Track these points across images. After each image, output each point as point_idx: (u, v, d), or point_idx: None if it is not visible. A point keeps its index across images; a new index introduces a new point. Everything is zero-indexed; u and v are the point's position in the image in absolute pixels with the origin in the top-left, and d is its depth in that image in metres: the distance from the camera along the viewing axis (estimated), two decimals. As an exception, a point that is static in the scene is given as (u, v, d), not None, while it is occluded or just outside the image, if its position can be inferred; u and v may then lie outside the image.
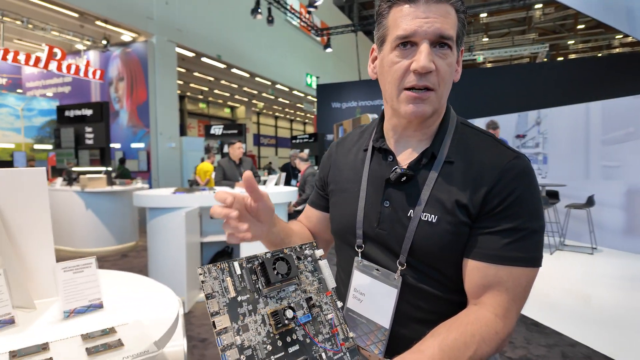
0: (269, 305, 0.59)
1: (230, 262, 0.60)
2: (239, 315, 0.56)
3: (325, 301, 0.66)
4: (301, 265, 0.67)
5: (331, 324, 0.64)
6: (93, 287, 1.02)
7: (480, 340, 0.65)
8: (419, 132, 0.80)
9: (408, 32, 0.68)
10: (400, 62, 0.71)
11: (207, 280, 0.57)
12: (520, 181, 0.71)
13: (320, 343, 0.60)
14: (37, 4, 8.83)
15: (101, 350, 0.80)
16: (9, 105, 12.24)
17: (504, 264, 0.69)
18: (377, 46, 0.79)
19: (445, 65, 0.72)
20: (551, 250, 5.44)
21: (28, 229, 0.99)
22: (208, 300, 0.55)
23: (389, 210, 0.78)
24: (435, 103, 0.74)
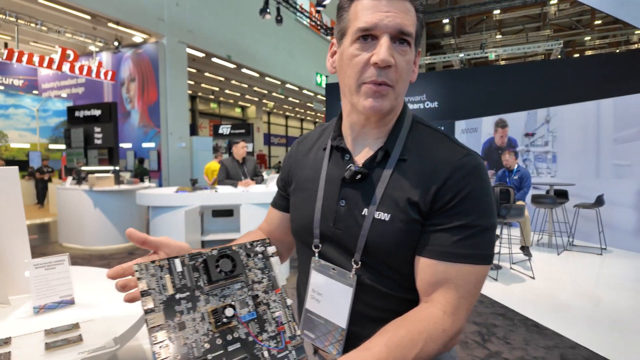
0: (211, 303, 0.59)
1: (171, 259, 0.60)
2: (176, 312, 0.56)
3: (273, 299, 0.65)
4: (250, 262, 0.66)
5: (278, 321, 0.63)
6: (65, 284, 1.04)
7: (427, 337, 0.64)
8: (376, 130, 0.79)
9: (369, 25, 0.68)
10: (361, 55, 0.70)
11: (144, 277, 0.57)
12: (471, 178, 0.70)
13: (263, 341, 0.60)
14: (51, 6, 9.04)
15: (59, 345, 0.81)
16: (25, 106, 12.58)
17: (453, 262, 0.68)
18: (336, 40, 0.78)
19: (404, 62, 0.71)
20: (558, 251, 5.34)
21: (2, 226, 1.02)
22: (143, 298, 0.55)
23: (345, 209, 0.78)
24: (393, 100, 0.73)
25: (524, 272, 4.43)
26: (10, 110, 12.22)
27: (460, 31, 24.58)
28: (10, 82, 13.31)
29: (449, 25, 24.61)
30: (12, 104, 12.27)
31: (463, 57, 15.96)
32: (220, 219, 4.15)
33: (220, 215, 4.16)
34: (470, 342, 2.82)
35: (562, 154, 6.44)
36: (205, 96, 21.89)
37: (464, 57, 16.11)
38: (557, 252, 5.29)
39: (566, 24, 22.42)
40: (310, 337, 0.83)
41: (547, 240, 5.80)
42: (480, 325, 3.11)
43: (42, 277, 1.01)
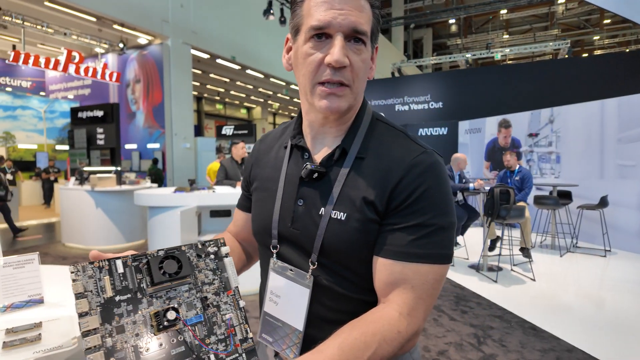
0: (154, 305, 0.57)
1: (112, 260, 0.58)
2: (115, 315, 0.54)
3: (225, 301, 0.63)
4: (201, 263, 0.64)
5: (227, 324, 0.62)
6: (34, 283, 1.04)
7: (381, 339, 0.62)
8: (335, 129, 0.78)
9: (322, 23, 0.66)
10: (315, 55, 0.69)
11: (79, 279, 0.54)
12: (427, 177, 0.69)
13: (209, 345, 0.58)
14: (57, 9, 9.14)
15: (17, 344, 0.81)
16: (32, 107, 12.75)
17: (409, 261, 0.67)
18: (291, 36, 0.76)
19: (360, 61, 0.70)
20: (561, 253, 5.26)
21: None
22: (77, 301, 0.53)
23: (303, 209, 0.76)
24: (351, 99, 0.72)
25: (524, 274, 4.37)
26: (18, 112, 12.39)
27: (466, 31, 24.43)
28: (18, 84, 13.50)
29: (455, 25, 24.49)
30: (19, 106, 12.44)
31: (469, 58, 15.83)
32: (217, 219, 4.16)
33: (218, 216, 4.16)
34: (465, 345, 2.79)
35: (566, 154, 6.35)
36: (211, 97, 22.01)
37: (470, 58, 15.98)
38: (560, 254, 5.22)
39: (574, 23, 22.17)
40: (269, 341, 0.82)
41: (550, 242, 5.73)
42: (477, 328, 3.07)
43: (10, 275, 1.01)
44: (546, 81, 9.08)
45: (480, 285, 4.08)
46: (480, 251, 4.65)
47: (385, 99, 12.09)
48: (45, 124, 12.93)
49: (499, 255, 4.67)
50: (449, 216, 0.69)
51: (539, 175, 6.82)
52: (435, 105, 11.21)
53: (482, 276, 4.35)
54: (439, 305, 3.54)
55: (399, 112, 11.77)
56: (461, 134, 8.73)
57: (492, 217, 4.23)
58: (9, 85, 13.26)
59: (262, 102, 24.41)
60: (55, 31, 9.89)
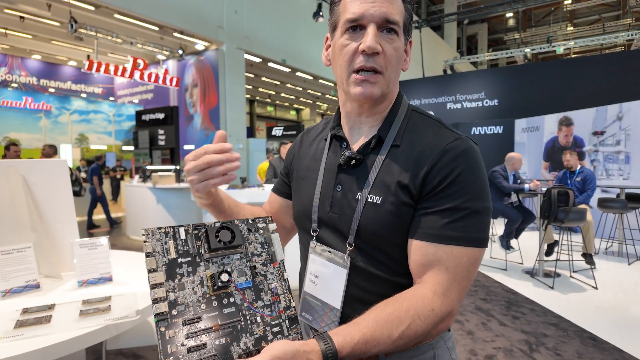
0: (210, 269, 0.65)
1: (176, 228, 0.66)
2: (177, 274, 0.62)
3: (271, 271, 0.70)
4: (251, 236, 0.71)
5: (273, 292, 0.68)
6: (104, 263, 1.19)
7: (414, 315, 0.65)
8: (371, 118, 0.82)
9: (356, 15, 0.72)
10: (350, 45, 0.74)
11: (149, 241, 0.63)
12: (460, 161, 0.71)
13: (257, 308, 0.65)
14: (125, 20, 9.93)
15: (91, 312, 0.94)
16: (103, 111, 13.93)
17: (443, 243, 0.69)
18: (330, 33, 0.82)
19: (392, 49, 0.74)
20: (630, 261, 4.84)
21: (55, 211, 1.18)
22: (147, 259, 0.62)
23: (341, 194, 0.81)
24: (384, 86, 0.76)
25: (585, 282, 4.09)
26: (90, 116, 13.61)
27: (525, 25, 23.10)
28: (91, 90, 14.81)
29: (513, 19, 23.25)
30: (92, 110, 13.66)
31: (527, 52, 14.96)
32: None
33: (267, 213, 4.33)
34: (515, 351, 2.68)
35: (637, 154, 5.81)
36: (263, 100, 22.68)
37: (529, 52, 15.09)
38: (628, 262, 4.80)
39: (652, 10, 20.18)
40: (308, 319, 0.87)
41: (616, 249, 5.29)
42: (529, 334, 2.93)
43: (85, 255, 1.16)
44: (614, 75, 8.36)
45: (534, 291, 3.88)
46: (535, 256, 4.41)
47: (437, 97, 11.77)
48: (113, 127, 14.09)
49: (557, 260, 4.40)
50: (483, 201, 0.71)
51: (604, 176, 6.31)
52: (490, 103, 10.74)
53: (538, 282, 4.13)
54: (488, 310, 3.42)
55: (450, 110, 11.41)
56: (517, 132, 8.29)
57: (548, 220, 4.00)
58: (84, 91, 14.59)
59: (310, 104, 24.74)
60: (123, 41, 10.74)
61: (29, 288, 1.09)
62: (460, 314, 3.35)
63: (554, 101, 8.88)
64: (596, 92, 8.28)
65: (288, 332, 0.65)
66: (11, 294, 1.06)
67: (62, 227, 1.22)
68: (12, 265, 1.07)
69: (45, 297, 1.08)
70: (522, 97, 9.87)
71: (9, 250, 1.07)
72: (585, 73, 8.89)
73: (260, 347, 0.61)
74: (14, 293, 1.06)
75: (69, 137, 13.02)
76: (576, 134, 6.83)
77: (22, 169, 1.11)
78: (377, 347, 0.63)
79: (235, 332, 0.61)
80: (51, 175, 1.16)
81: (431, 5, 23.63)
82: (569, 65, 9.81)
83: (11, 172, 1.11)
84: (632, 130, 5.90)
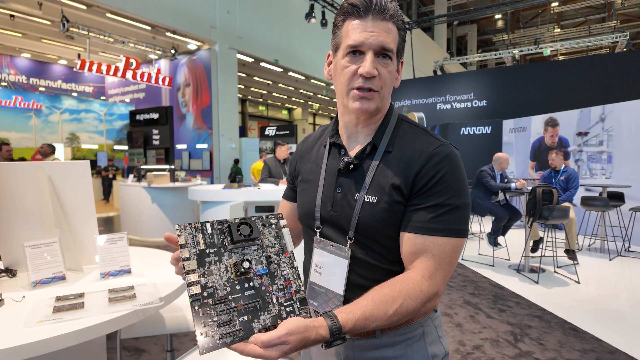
0: (232, 258, 0.77)
1: (203, 223, 0.78)
2: (206, 262, 0.74)
3: (284, 260, 0.82)
4: (265, 231, 0.84)
5: (286, 277, 0.80)
6: (124, 256, 1.29)
7: (406, 295, 0.77)
8: (366, 128, 0.94)
9: (357, 42, 0.84)
10: (350, 67, 0.86)
11: (182, 234, 0.76)
12: (444, 165, 0.83)
13: (272, 291, 0.77)
14: (117, 19, 9.92)
15: (119, 299, 1.04)
16: (94, 110, 13.85)
17: (429, 234, 0.82)
18: (332, 52, 0.94)
19: (387, 72, 0.86)
20: (611, 257, 5.05)
21: (77, 208, 1.28)
22: (181, 249, 0.74)
23: (340, 195, 0.93)
24: (378, 102, 0.88)
25: (568, 277, 4.27)
26: (82, 115, 13.53)
27: (514, 26, 23.47)
28: (82, 89, 14.71)
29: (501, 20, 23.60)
30: (83, 109, 13.58)
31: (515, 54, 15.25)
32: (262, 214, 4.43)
33: (263, 211, 4.43)
34: (501, 341, 2.83)
35: (619, 154, 6.05)
36: (255, 99, 22.69)
37: (517, 54, 15.38)
38: (610, 258, 5.01)
39: (636, 13, 20.66)
40: (314, 305, 0.99)
41: (599, 245, 5.51)
42: (514, 326, 3.09)
43: (106, 249, 1.26)
44: (598, 77, 8.62)
45: (520, 285, 4.05)
46: (522, 252, 4.58)
47: (427, 98, 11.96)
48: (105, 126, 14.02)
49: (542, 256, 4.59)
50: (463, 197, 0.84)
51: (588, 175, 6.54)
52: (479, 104, 10.96)
53: (523, 277, 4.30)
54: (476, 303, 3.57)
55: (440, 111, 11.61)
56: (505, 132, 8.51)
57: (534, 218, 4.17)
58: (75, 90, 14.49)
59: (302, 103, 24.82)
60: (115, 40, 10.71)
61: (56, 279, 1.19)
62: (449, 307, 3.50)
63: (540, 102, 9.12)
64: (581, 94, 8.53)
65: (299, 311, 0.77)
66: (41, 285, 1.16)
67: (84, 224, 1.32)
68: (41, 259, 1.17)
69: (72, 287, 1.17)
70: (510, 98, 10.11)
71: (38, 245, 1.17)
72: (571, 75, 9.15)
73: (277, 323, 0.72)
74: (44, 284, 1.16)
75: (59, 137, 12.94)
76: (561, 134, 7.05)
77: (49, 170, 1.21)
78: (375, 323, 0.75)
79: (255, 311, 0.72)
80: (75, 176, 1.26)
81: (422, 6, 23.87)
82: (555, 67, 10.07)
83: (38, 173, 1.20)
84: (614, 131, 6.12)
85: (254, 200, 4.18)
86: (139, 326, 1.55)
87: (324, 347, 0.72)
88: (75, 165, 1.26)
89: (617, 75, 8.37)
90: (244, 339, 0.68)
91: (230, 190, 4.16)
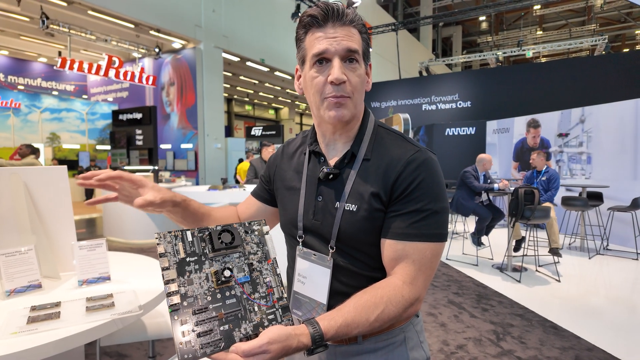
0: (213, 266, 0.75)
1: (184, 231, 0.77)
2: (186, 271, 0.72)
3: (266, 268, 0.81)
4: (248, 237, 0.82)
5: (268, 285, 0.79)
6: (103, 263, 1.26)
7: (387, 301, 0.78)
8: (344, 136, 0.94)
9: (321, 50, 0.84)
10: (319, 77, 0.86)
11: (162, 243, 0.74)
12: (421, 171, 0.84)
13: (255, 299, 0.76)
14: (99, 17, 9.73)
15: (97, 308, 1.02)
16: (75, 109, 13.55)
17: (409, 240, 0.82)
18: (299, 66, 0.94)
19: (356, 77, 0.86)
20: (590, 255, 5.18)
21: (54, 214, 1.25)
22: (160, 258, 0.72)
23: (322, 204, 0.93)
24: (352, 108, 0.88)
25: (549, 275, 4.36)
26: (62, 114, 13.22)
27: (497, 28, 23.86)
28: (63, 88, 14.38)
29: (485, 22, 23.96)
30: (64, 108, 13.27)
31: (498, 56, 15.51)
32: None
33: (248, 213, 4.40)
34: (484, 340, 2.88)
35: (598, 155, 6.21)
36: (241, 99, 22.54)
37: (500, 55, 15.65)
38: (589, 256, 5.14)
39: (614, 16, 21.24)
40: (298, 315, 0.98)
41: (579, 244, 5.64)
42: (496, 325, 3.14)
43: (85, 257, 1.23)
44: (578, 79, 8.84)
45: (503, 284, 4.12)
46: (504, 251, 4.66)
47: (412, 99, 12.07)
48: (87, 125, 13.73)
49: (524, 255, 4.67)
50: (442, 202, 0.84)
51: (569, 176, 6.69)
52: (464, 105, 11.11)
53: (506, 276, 4.38)
54: (460, 303, 3.62)
55: (426, 112, 11.73)
56: (489, 133, 8.64)
57: (516, 218, 4.25)
58: (55, 89, 14.15)
59: (289, 103, 24.76)
60: (97, 38, 10.51)
61: (32, 288, 1.16)
62: (434, 307, 3.53)
63: (523, 104, 9.30)
64: (562, 96, 8.73)
65: (281, 319, 0.76)
66: (15, 294, 1.13)
67: (61, 230, 1.29)
68: (16, 267, 1.13)
69: (48, 295, 1.15)
70: (494, 100, 10.28)
71: (12, 253, 1.14)
72: (552, 77, 9.35)
73: (258, 332, 0.72)
74: (18, 293, 1.13)
75: (39, 136, 12.62)
76: (543, 135, 7.20)
77: (24, 175, 1.18)
78: (357, 329, 0.75)
79: (236, 320, 0.71)
80: (52, 181, 1.23)
81: (408, 7, 24.06)
82: (538, 69, 10.28)
83: (13, 179, 1.17)
84: (594, 133, 6.28)
85: (239, 202, 4.14)
86: (119, 333, 1.53)
87: (306, 354, 0.72)
88: (52, 170, 1.22)
89: (597, 78, 8.59)
90: (225, 349, 0.67)
91: (214, 191, 4.12)
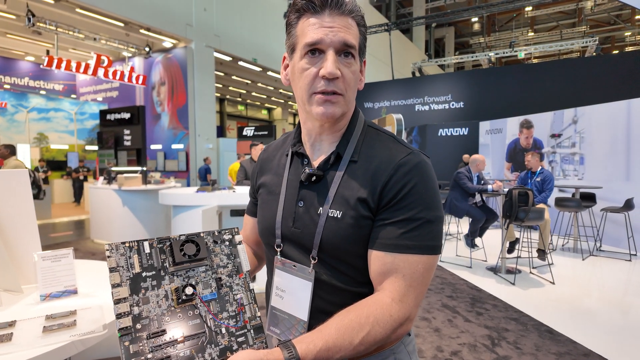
0: (175, 282, 0.65)
1: (140, 242, 0.67)
2: (141, 288, 0.63)
3: (237, 282, 0.71)
4: (217, 248, 0.73)
5: (239, 302, 0.69)
6: (69, 275, 1.16)
7: (374, 321, 0.68)
8: (331, 136, 0.84)
9: (315, 40, 0.74)
10: (310, 69, 0.76)
11: (113, 256, 0.64)
12: (413, 175, 0.75)
13: (222, 319, 0.66)
14: (88, 15, 9.55)
15: (55, 328, 0.92)
16: (64, 109, 13.31)
17: (400, 252, 0.73)
18: (288, 54, 0.84)
19: (350, 73, 0.77)
20: (584, 256, 5.15)
21: (15, 222, 1.14)
22: (110, 274, 0.62)
23: (303, 209, 0.83)
24: (344, 106, 0.79)
25: (543, 277, 4.31)
26: (50, 114, 12.98)
27: (490, 29, 23.96)
28: (51, 87, 14.12)
29: (478, 23, 24.05)
30: (52, 108, 13.03)
31: (491, 57, 15.55)
32: (238, 218, 4.28)
33: (238, 215, 4.28)
34: (479, 346, 2.80)
35: (590, 155, 6.19)
36: (233, 99, 22.38)
37: (492, 56, 15.69)
38: (582, 258, 5.10)
39: (604, 19, 21.43)
40: (276, 332, 0.88)
41: (572, 245, 5.61)
42: (491, 329, 3.07)
43: (48, 268, 1.13)
44: (571, 80, 8.86)
45: (497, 287, 4.06)
46: (498, 253, 4.61)
47: (405, 99, 12.03)
48: (75, 125, 13.50)
49: (518, 257, 4.62)
50: (436, 210, 0.75)
51: (561, 177, 6.68)
52: (456, 105, 11.10)
53: (500, 278, 4.32)
54: (454, 307, 3.55)
55: (419, 112, 11.70)
56: (482, 134, 8.61)
57: (510, 219, 4.19)
58: (43, 88, 13.90)
59: (282, 103, 24.64)
60: (85, 36, 10.31)
61: (-12, 304, 1.05)
62: (427, 311, 3.46)
63: (515, 104, 9.30)
64: (554, 97, 8.74)
65: (253, 342, 0.67)
66: (-32, 311, 1.02)
67: (23, 239, 1.18)
68: (-31, 281, 1.03)
69: (5, 312, 1.04)
70: (486, 100, 10.27)
71: (-35, 265, 1.03)
72: (545, 78, 9.36)
73: (225, 357, 0.63)
74: (-29, 309, 1.03)
75: (26, 136, 12.37)
76: (536, 136, 7.19)
77: (-21, 180, 1.07)
78: (339, 354, 0.66)
79: (200, 344, 0.62)
80: (13, 186, 1.13)
81: (401, 8, 24.08)
82: (530, 70, 10.29)
83: (-33, 184, 1.07)
84: (586, 133, 6.27)
85: (229, 204, 4.04)
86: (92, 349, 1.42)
87: None
88: (13, 174, 1.12)
89: (588, 79, 8.61)
90: None
91: (203, 193, 4.01)
